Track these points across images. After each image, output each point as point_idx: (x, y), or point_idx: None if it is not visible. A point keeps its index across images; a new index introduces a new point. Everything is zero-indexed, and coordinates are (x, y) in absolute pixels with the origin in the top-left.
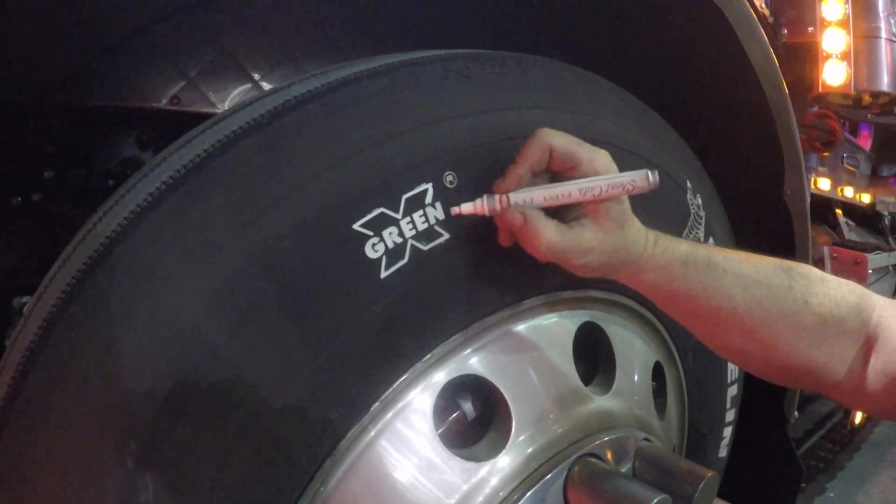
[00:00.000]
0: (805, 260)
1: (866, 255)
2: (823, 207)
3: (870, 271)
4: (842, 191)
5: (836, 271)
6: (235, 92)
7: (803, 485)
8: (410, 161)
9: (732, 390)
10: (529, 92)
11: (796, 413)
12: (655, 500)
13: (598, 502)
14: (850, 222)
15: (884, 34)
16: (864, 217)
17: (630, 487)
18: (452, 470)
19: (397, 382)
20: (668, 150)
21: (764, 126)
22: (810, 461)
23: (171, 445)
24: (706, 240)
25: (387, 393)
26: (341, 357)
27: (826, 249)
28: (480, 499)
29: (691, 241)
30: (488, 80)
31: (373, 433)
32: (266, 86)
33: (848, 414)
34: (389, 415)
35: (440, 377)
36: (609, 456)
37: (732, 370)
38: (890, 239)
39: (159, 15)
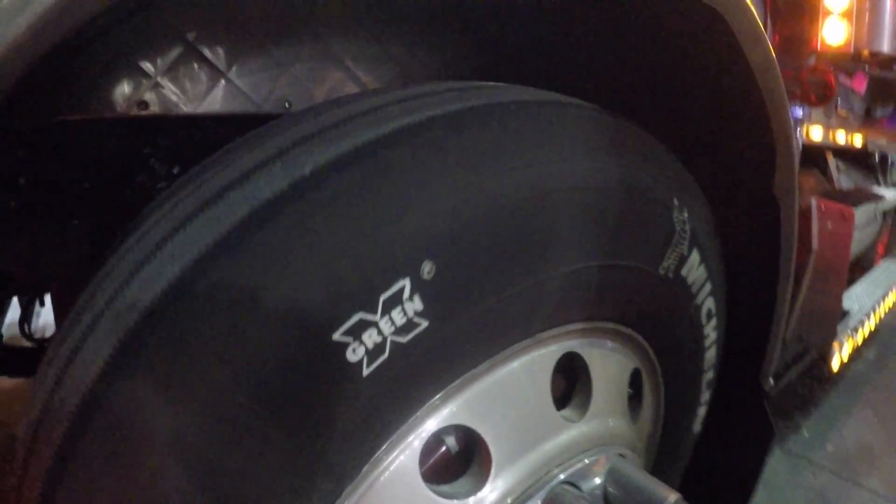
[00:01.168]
0: (790, 251)
1: (853, 210)
2: (814, 152)
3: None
4: (833, 135)
5: (822, 222)
6: (206, 88)
7: (779, 421)
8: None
9: (708, 375)
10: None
11: (772, 380)
12: None
13: None
14: (841, 165)
15: None
16: (856, 157)
17: None
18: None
19: (383, 447)
20: (657, 171)
21: (759, 125)
22: (787, 398)
23: None
24: (690, 252)
25: (375, 456)
26: (333, 445)
27: (813, 201)
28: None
29: None
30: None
31: (361, 492)
32: (237, 81)
33: (825, 360)
34: (379, 473)
35: (425, 430)
36: (584, 477)
37: (710, 357)
38: (880, 176)
39: (116, 17)
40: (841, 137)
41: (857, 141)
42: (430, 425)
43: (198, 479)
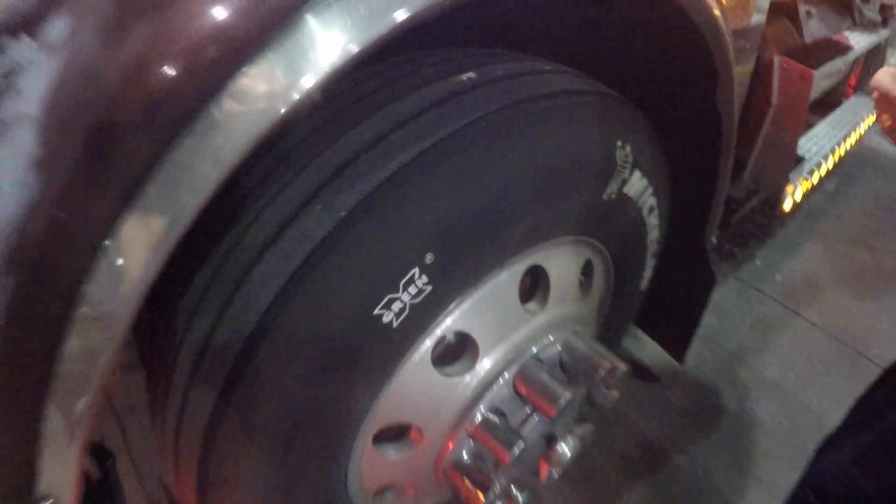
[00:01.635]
0: (728, 155)
1: (813, 72)
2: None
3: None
4: None
5: (783, 83)
6: None
7: (735, 249)
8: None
9: (652, 248)
10: None
11: (715, 237)
12: (562, 398)
13: (530, 390)
14: (813, 10)
15: None
16: None
17: (550, 384)
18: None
19: (408, 353)
20: (604, 128)
21: (701, 51)
22: (744, 226)
23: None
24: (631, 175)
25: (403, 357)
26: (378, 363)
27: (776, 59)
28: (468, 392)
29: None
30: None
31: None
32: None
33: (778, 200)
34: (407, 366)
35: (433, 337)
36: (546, 351)
37: (653, 237)
38: (857, 14)
39: None
40: None
41: None
42: (436, 334)
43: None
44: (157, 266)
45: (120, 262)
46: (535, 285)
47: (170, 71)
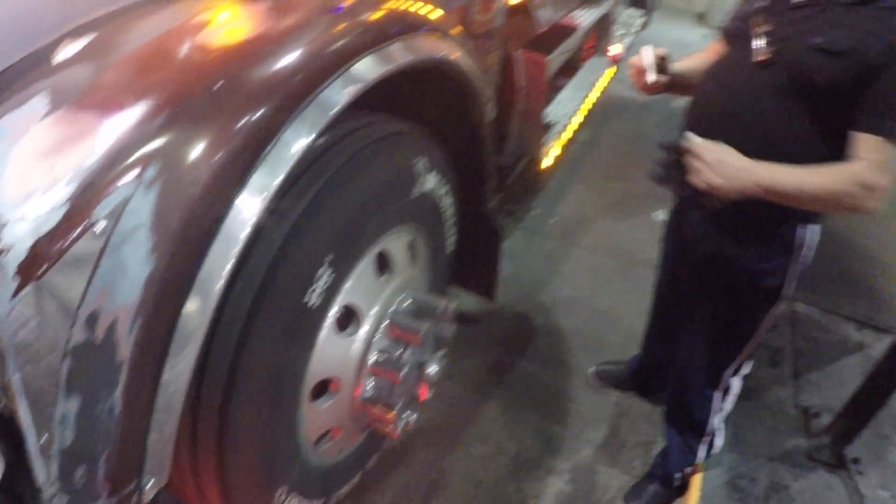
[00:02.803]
0: (487, 145)
1: (546, 58)
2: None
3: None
4: None
5: (524, 70)
6: None
7: (515, 206)
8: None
9: (450, 222)
10: None
11: (495, 201)
12: (421, 331)
13: (400, 332)
14: (539, 1)
15: None
16: None
17: (411, 324)
18: (349, 340)
19: (321, 325)
20: (409, 154)
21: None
22: (518, 186)
23: None
24: (427, 177)
25: (321, 324)
26: (308, 336)
27: (518, 54)
28: (362, 345)
29: None
30: None
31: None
32: None
33: (537, 163)
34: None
35: (333, 313)
36: (403, 307)
37: (449, 216)
38: None
39: None
40: None
41: None
42: (335, 308)
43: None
44: None
45: None
46: (383, 263)
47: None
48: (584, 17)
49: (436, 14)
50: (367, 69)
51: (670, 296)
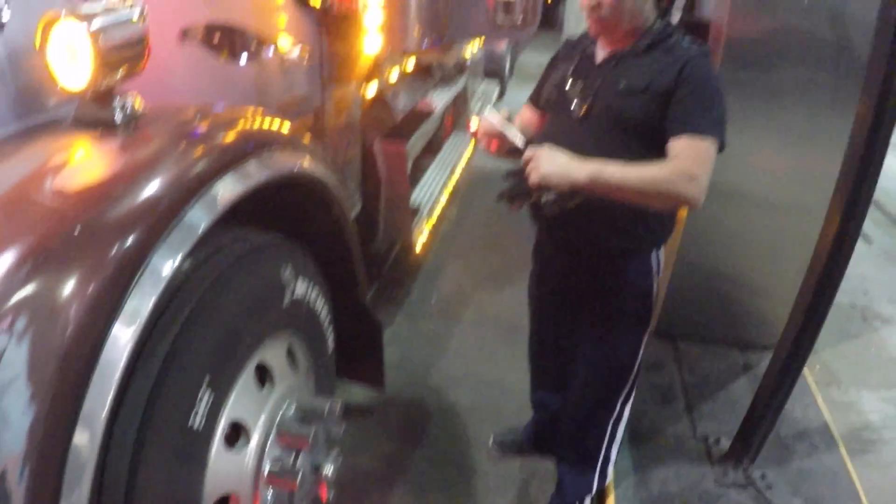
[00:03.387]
0: (353, 241)
1: (404, 147)
2: (376, 97)
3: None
4: (388, 77)
5: (384, 161)
6: None
7: (394, 293)
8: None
9: (327, 323)
10: None
11: (372, 291)
12: (309, 436)
13: (289, 440)
14: (398, 89)
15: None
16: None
17: (298, 431)
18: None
19: (209, 444)
20: (279, 265)
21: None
22: (394, 273)
23: None
24: (296, 282)
25: (211, 449)
26: (197, 457)
27: (377, 143)
28: (254, 457)
29: None
30: None
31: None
32: None
33: (411, 247)
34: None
35: (219, 431)
36: (288, 412)
37: (325, 318)
38: (436, 72)
39: None
40: (395, 75)
41: (410, 66)
42: (221, 426)
43: None
44: None
45: None
46: (264, 374)
47: None
48: (440, 98)
49: (287, 127)
50: (227, 189)
51: (547, 342)
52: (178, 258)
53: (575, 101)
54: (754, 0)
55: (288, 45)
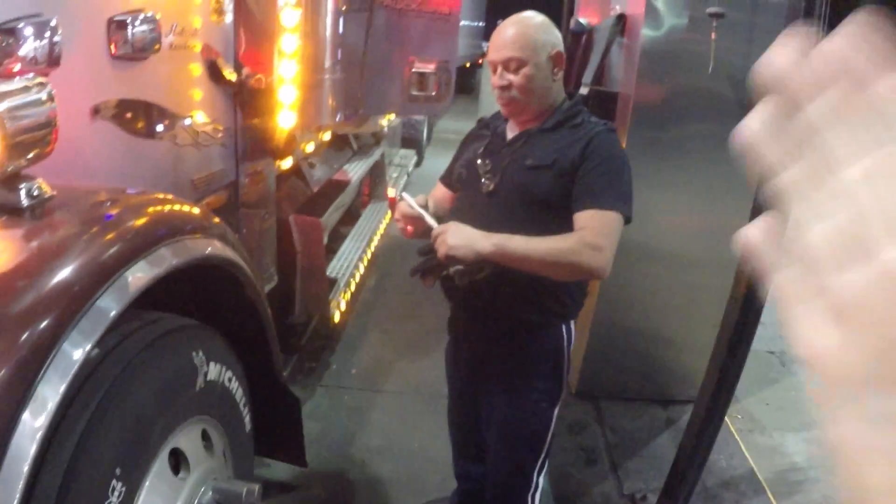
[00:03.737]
0: (267, 318)
1: (320, 220)
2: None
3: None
4: (304, 148)
5: (300, 234)
6: None
7: (313, 364)
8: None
9: (242, 400)
10: None
11: (289, 367)
12: None
13: None
14: (314, 160)
15: (327, 83)
16: (333, 144)
17: None
18: None
19: None
20: (182, 338)
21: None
22: (313, 344)
23: None
24: (208, 367)
25: None
26: None
27: (291, 218)
28: None
29: None
30: None
31: None
32: None
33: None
34: None
35: None
36: (206, 499)
37: (241, 398)
38: (354, 143)
39: None
40: (311, 147)
41: (326, 138)
42: None
43: None
44: None
45: None
46: (179, 460)
47: None
48: (357, 169)
49: (199, 210)
50: (138, 275)
51: (465, 412)
52: (88, 346)
53: (484, 177)
54: (658, 70)
55: (202, 120)
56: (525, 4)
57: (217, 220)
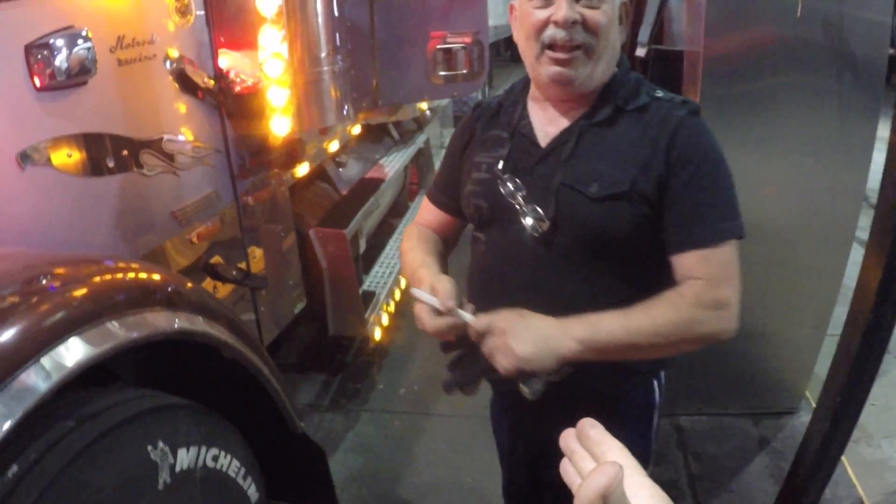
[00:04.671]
0: (281, 393)
1: (345, 232)
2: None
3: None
4: (328, 148)
5: (324, 249)
6: None
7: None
8: None
9: (241, 476)
10: None
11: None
12: None
13: None
14: (343, 158)
15: (326, 76)
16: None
17: None
18: None
19: None
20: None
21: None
22: (357, 363)
23: None
24: (176, 456)
25: None
26: None
27: (312, 232)
28: None
29: None
30: None
31: None
32: None
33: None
34: None
35: None
36: None
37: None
38: (393, 131)
39: None
40: (335, 146)
41: (357, 130)
42: None
43: None
44: None
45: None
46: None
47: None
48: (393, 162)
49: (159, 277)
50: (72, 354)
51: (526, 488)
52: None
53: (527, 214)
54: (731, 19)
55: (179, 140)
56: None
57: (190, 285)
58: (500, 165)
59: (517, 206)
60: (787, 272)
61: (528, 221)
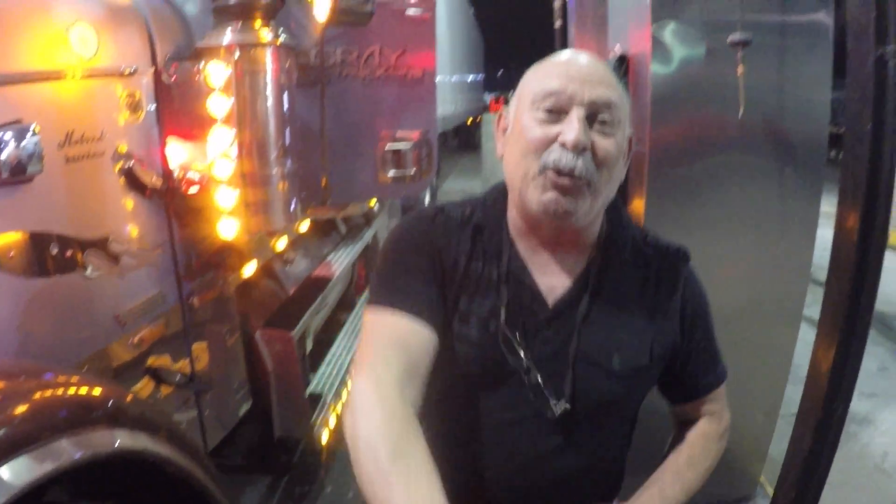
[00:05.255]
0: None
1: (291, 334)
2: (263, 271)
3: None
4: (275, 246)
5: (270, 351)
6: None
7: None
8: None
9: None
10: None
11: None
12: None
13: None
14: (291, 254)
15: (275, 179)
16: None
17: None
18: None
19: None
20: None
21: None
22: (305, 463)
23: None
24: None
25: None
26: None
27: (257, 334)
28: None
29: None
30: None
31: None
32: None
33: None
34: None
35: None
36: None
37: None
38: (342, 225)
39: None
40: (282, 244)
41: (304, 227)
42: None
43: None
44: None
45: None
46: None
47: None
48: (341, 258)
49: (100, 392)
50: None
51: None
52: None
53: (542, 394)
54: (674, 113)
55: (123, 240)
56: (519, 53)
57: (130, 397)
58: (503, 323)
59: (527, 380)
60: (738, 355)
61: (549, 402)
